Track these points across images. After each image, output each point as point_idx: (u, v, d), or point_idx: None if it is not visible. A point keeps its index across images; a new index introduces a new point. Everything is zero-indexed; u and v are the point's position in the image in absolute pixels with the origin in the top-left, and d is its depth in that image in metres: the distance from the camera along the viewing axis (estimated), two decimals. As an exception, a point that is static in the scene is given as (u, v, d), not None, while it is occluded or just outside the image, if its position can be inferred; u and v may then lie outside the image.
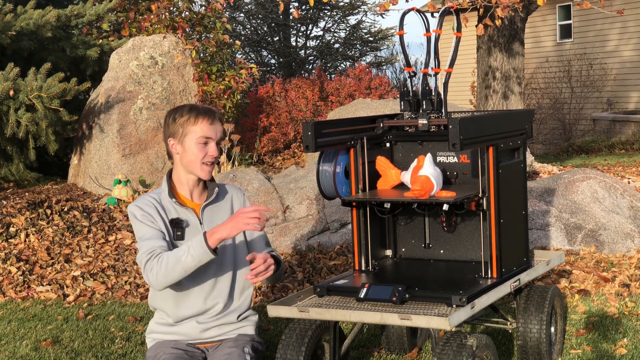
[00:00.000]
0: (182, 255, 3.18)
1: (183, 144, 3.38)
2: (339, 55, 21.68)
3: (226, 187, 3.57)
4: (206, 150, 3.37)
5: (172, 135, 3.39)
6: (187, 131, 3.36)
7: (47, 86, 7.72)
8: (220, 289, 3.44)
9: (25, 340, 4.65)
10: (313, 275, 5.66)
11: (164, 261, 3.19)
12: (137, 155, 8.26)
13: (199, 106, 3.43)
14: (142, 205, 3.38)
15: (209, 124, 3.37)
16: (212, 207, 3.47)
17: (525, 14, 8.53)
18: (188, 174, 3.42)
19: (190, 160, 3.38)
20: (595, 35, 18.74)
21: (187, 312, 3.42)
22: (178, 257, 3.18)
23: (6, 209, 6.80)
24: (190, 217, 3.42)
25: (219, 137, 3.41)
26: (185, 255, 3.18)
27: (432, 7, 7.34)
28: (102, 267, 5.97)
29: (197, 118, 3.36)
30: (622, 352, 4.14)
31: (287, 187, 6.67)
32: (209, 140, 3.37)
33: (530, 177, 8.01)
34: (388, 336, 4.22)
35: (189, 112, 3.39)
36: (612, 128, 16.29)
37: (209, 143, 3.38)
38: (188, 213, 3.42)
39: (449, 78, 3.80)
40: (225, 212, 3.49)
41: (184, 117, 3.37)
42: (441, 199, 3.44)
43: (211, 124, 3.37)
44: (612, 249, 6.05)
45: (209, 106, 3.45)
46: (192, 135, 3.36)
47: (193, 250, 3.17)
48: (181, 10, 10.09)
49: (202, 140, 3.36)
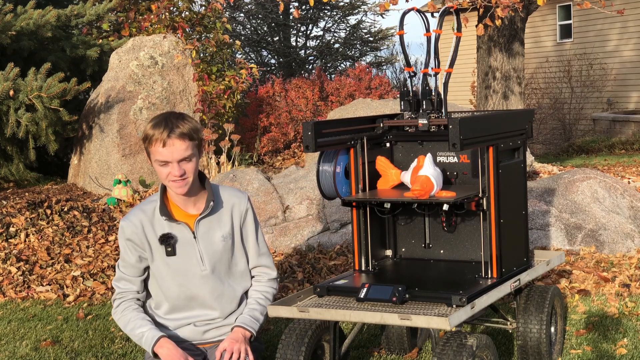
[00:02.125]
0: (135, 330, 3.35)
1: (151, 162, 3.33)
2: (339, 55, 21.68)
3: (227, 195, 3.47)
4: (168, 171, 3.25)
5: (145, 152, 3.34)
6: (148, 151, 3.28)
7: (47, 86, 7.72)
8: (218, 303, 3.42)
9: (25, 340, 4.65)
10: (313, 275, 5.66)
11: (123, 318, 3.40)
12: (137, 155, 8.26)
13: (164, 122, 3.23)
14: (130, 228, 3.35)
15: (162, 147, 3.21)
16: (208, 220, 3.40)
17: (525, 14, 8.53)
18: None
19: (160, 179, 3.34)
20: (596, 35, 18.74)
21: (184, 322, 3.42)
22: (131, 328, 3.37)
23: (6, 209, 6.79)
24: (183, 232, 3.37)
25: (178, 157, 3.22)
26: (135, 333, 3.35)
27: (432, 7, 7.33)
28: (102, 267, 5.97)
29: (152, 140, 3.22)
30: (622, 352, 4.14)
31: (287, 187, 6.67)
32: (166, 162, 3.24)
33: (530, 177, 8.01)
34: (388, 336, 4.21)
35: (152, 128, 3.24)
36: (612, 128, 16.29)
37: (168, 164, 3.24)
38: (181, 228, 3.36)
39: (449, 78, 3.80)
40: (225, 223, 3.42)
41: (145, 134, 3.26)
42: (441, 199, 3.44)
43: (163, 146, 3.20)
44: (612, 249, 6.05)
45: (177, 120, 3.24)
46: (152, 156, 3.29)
47: (143, 339, 3.32)
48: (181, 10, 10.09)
49: (159, 163, 3.26)
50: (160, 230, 3.35)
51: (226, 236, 3.42)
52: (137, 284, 3.40)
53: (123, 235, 3.38)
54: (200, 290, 3.38)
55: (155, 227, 3.35)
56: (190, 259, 3.37)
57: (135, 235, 3.35)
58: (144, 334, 3.31)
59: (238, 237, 3.47)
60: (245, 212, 3.47)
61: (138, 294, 3.41)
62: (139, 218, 3.36)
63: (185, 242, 3.36)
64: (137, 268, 3.39)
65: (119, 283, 3.43)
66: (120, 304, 3.41)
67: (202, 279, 3.38)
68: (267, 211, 6.38)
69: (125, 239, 3.37)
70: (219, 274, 3.40)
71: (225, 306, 3.43)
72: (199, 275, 3.37)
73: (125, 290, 3.41)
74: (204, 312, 3.41)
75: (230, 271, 3.44)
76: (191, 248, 3.37)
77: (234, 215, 3.46)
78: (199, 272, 3.37)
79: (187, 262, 3.37)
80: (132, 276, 3.39)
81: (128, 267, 3.40)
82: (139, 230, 3.35)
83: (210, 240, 3.39)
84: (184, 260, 3.36)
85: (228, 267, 3.44)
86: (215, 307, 3.41)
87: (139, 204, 3.45)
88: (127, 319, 3.36)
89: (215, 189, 3.46)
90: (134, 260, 3.38)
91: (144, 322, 3.34)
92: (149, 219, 3.35)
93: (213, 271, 3.39)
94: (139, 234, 3.35)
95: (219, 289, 3.41)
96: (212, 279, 3.38)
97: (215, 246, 3.40)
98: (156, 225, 3.35)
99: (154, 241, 3.35)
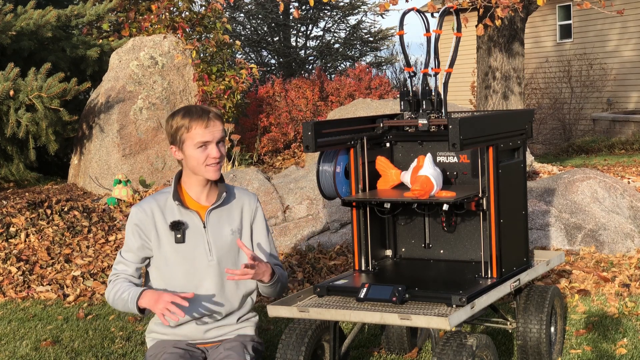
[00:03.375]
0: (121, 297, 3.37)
1: (183, 150, 3.37)
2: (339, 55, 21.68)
3: (239, 192, 3.53)
4: (207, 153, 3.34)
5: (172, 142, 3.39)
6: (184, 138, 3.34)
7: (47, 86, 7.72)
8: (220, 297, 3.43)
9: (25, 340, 4.65)
10: (313, 275, 5.66)
11: (114, 290, 3.41)
12: (137, 155, 8.26)
13: (194, 109, 3.37)
14: (140, 215, 3.41)
15: (204, 128, 3.32)
16: (219, 211, 3.45)
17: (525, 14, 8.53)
18: (195, 176, 3.41)
19: (193, 165, 3.37)
20: (595, 35, 18.75)
21: (186, 318, 3.42)
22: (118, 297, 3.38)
23: (6, 209, 6.80)
24: (194, 220, 3.41)
25: (218, 137, 3.36)
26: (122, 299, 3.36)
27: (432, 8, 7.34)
28: (102, 267, 5.97)
29: (191, 124, 3.32)
30: (622, 352, 4.15)
31: (287, 187, 6.67)
32: (207, 144, 3.34)
33: (530, 177, 8.01)
34: (388, 336, 4.22)
35: (183, 117, 3.34)
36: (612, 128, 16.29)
37: (207, 146, 3.34)
38: (192, 215, 3.41)
39: (449, 78, 3.80)
40: (234, 218, 3.46)
41: (178, 124, 3.34)
42: (441, 199, 3.44)
43: (206, 127, 3.32)
44: (612, 249, 6.05)
45: (204, 106, 3.41)
46: (189, 141, 3.34)
47: (129, 302, 3.33)
48: (181, 10, 10.09)
49: (199, 144, 3.33)
50: (171, 217, 3.39)
51: (235, 231, 3.45)
52: (132, 269, 3.46)
53: (132, 220, 3.44)
54: (205, 280, 3.39)
55: (166, 214, 3.40)
56: (198, 247, 3.40)
57: (143, 222, 3.40)
58: (129, 296, 3.35)
59: (247, 235, 3.49)
60: (256, 210, 3.52)
61: (132, 277, 3.44)
62: (151, 206, 3.42)
63: (195, 230, 3.40)
64: (137, 255, 3.44)
65: (117, 266, 3.49)
66: (112, 281, 3.47)
67: (208, 269, 3.39)
68: (267, 211, 6.38)
69: (133, 224, 3.42)
70: (225, 267, 3.42)
71: (227, 302, 3.44)
72: (206, 265, 3.40)
73: (120, 271, 3.47)
74: (206, 305, 3.41)
75: (236, 267, 3.46)
76: (200, 237, 3.39)
77: (244, 212, 3.50)
78: (205, 262, 3.40)
79: (195, 250, 3.39)
80: (130, 261, 3.45)
81: (128, 252, 3.45)
82: (149, 217, 3.39)
83: (219, 232, 3.42)
84: (192, 248, 3.39)
85: (234, 263, 3.45)
86: (218, 300, 3.42)
87: (153, 194, 3.51)
88: (114, 290, 3.41)
89: (228, 186, 3.51)
90: (136, 246, 3.42)
91: (128, 286, 3.39)
92: (160, 207, 3.41)
93: (219, 263, 3.40)
94: (148, 221, 3.39)
95: (223, 282, 3.42)
96: (217, 270, 3.40)
97: (224, 238, 3.43)
98: (167, 213, 3.40)
99: (163, 228, 3.38)
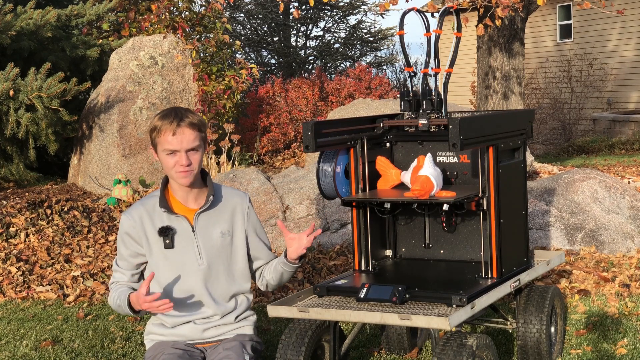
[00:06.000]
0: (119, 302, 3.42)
1: (157, 154, 3.36)
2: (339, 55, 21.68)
3: (229, 194, 3.49)
4: (175, 160, 3.29)
5: (151, 143, 3.38)
6: (156, 142, 3.32)
7: (47, 86, 7.72)
8: (213, 299, 3.42)
9: (25, 340, 4.65)
10: (313, 275, 5.66)
11: (112, 298, 3.46)
12: (137, 155, 8.26)
13: (172, 112, 3.31)
14: (129, 222, 3.41)
15: (171, 135, 3.26)
16: (208, 213, 3.42)
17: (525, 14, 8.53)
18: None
19: (165, 169, 3.37)
20: (596, 35, 18.74)
21: (183, 319, 3.42)
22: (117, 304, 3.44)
23: (6, 209, 6.79)
24: (182, 225, 3.39)
25: (187, 146, 3.27)
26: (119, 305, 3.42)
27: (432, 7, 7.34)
28: (102, 267, 5.97)
29: (161, 128, 3.28)
30: (622, 352, 4.14)
31: (287, 187, 6.67)
32: (174, 152, 3.29)
33: (530, 177, 8.01)
34: (388, 336, 4.22)
35: (159, 120, 3.30)
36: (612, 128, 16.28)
37: (175, 153, 3.29)
38: (180, 220, 3.39)
39: (449, 78, 3.80)
40: (224, 220, 3.44)
41: (153, 126, 3.31)
42: (441, 199, 3.44)
43: (173, 134, 3.26)
44: (612, 249, 6.05)
45: (185, 112, 3.32)
46: (159, 146, 3.32)
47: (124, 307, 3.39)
48: (181, 10, 10.09)
49: (168, 151, 3.29)
50: (159, 223, 3.38)
51: (225, 233, 3.43)
52: (127, 276, 3.48)
53: (122, 229, 3.45)
54: (196, 284, 3.39)
55: (155, 220, 3.38)
56: (188, 252, 3.39)
57: (133, 230, 3.39)
58: (122, 302, 3.39)
59: (239, 237, 3.47)
60: (248, 212, 3.50)
61: (129, 283, 3.48)
62: (139, 212, 3.41)
63: (184, 235, 3.38)
64: (130, 263, 3.45)
65: (114, 274, 3.53)
66: (111, 290, 3.50)
67: (199, 273, 3.39)
68: (267, 211, 6.38)
69: (124, 232, 3.43)
70: (217, 270, 3.41)
71: (221, 304, 3.43)
72: (196, 269, 3.39)
73: (117, 279, 3.50)
74: (201, 308, 3.41)
75: (228, 269, 3.45)
76: (189, 241, 3.38)
77: (235, 214, 3.47)
78: (196, 266, 3.39)
79: (185, 255, 3.38)
80: (124, 269, 3.47)
81: (122, 260, 3.47)
82: (138, 224, 3.39)
83: (209, 235, 3.40)
84: (181, 253, 3.38)
85: (226, 265, 3.44)
86: (211, 304, 3.41)
87: (141, 199, 3.50)
88: (113, 298, 3.46)
89: (216, 187, 3.49)
90: (127, 254, 3.43)
91: (122, 292, 3.42)
92: (148, 213, 3.39)
93: (210, 266, 3.40)
94: (137, 229, 3.38)
95: (215, 285, 3.42)
96: (208, 274, 3.39)
97: (214, 241, 3.41)
98: (155, 218, 3.39)
99: (152, 234, 3.37)
